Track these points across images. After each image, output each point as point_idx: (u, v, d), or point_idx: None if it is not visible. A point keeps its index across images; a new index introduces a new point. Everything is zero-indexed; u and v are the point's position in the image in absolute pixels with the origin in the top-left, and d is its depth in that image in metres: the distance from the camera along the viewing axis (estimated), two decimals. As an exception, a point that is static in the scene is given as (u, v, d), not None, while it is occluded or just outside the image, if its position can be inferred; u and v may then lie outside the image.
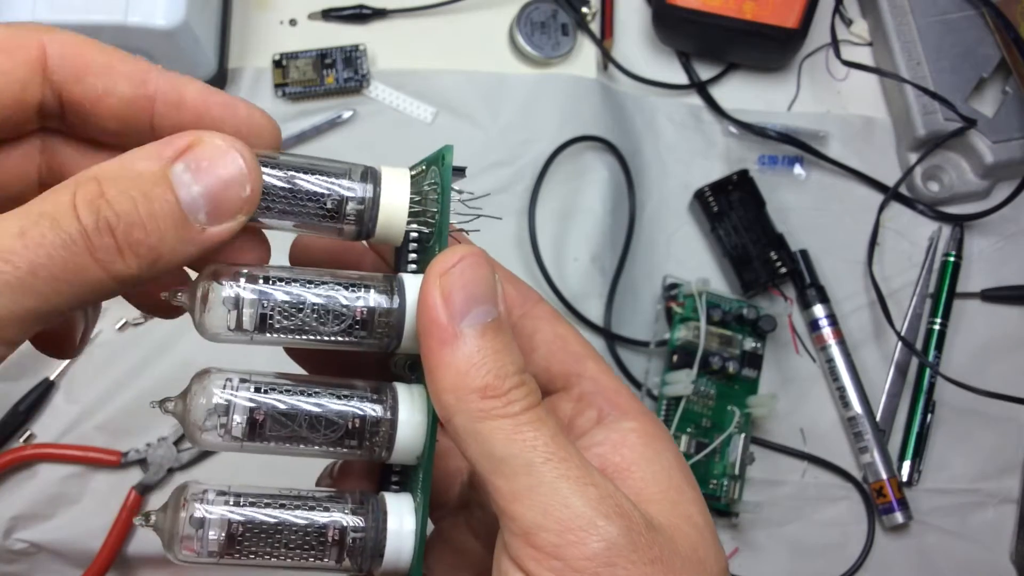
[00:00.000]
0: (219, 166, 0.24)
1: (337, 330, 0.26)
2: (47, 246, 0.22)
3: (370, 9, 0.67)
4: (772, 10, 0.66)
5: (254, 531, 0.26)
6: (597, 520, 0.24)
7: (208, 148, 0.24)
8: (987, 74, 0.69)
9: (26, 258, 0.22)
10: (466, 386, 0.24)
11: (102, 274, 0.23)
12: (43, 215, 0.22)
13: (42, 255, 0.22)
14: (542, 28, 0.67)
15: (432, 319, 0.25)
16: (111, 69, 0.26)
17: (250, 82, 0.66)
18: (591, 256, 0.65)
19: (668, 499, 0.27)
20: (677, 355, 0.62)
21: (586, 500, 0.24)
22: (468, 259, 0.25)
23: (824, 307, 0.66)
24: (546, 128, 0.66)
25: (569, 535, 0.24)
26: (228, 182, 0.24)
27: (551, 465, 0.24)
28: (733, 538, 0.63)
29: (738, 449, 0.61)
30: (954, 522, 0.65)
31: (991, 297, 0.68)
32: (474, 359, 0.25)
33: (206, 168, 0.24)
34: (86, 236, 0.22)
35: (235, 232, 0.25)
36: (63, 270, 0.22)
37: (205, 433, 0.26)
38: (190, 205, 0.24)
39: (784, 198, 0.68)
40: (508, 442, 0.24)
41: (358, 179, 0.27)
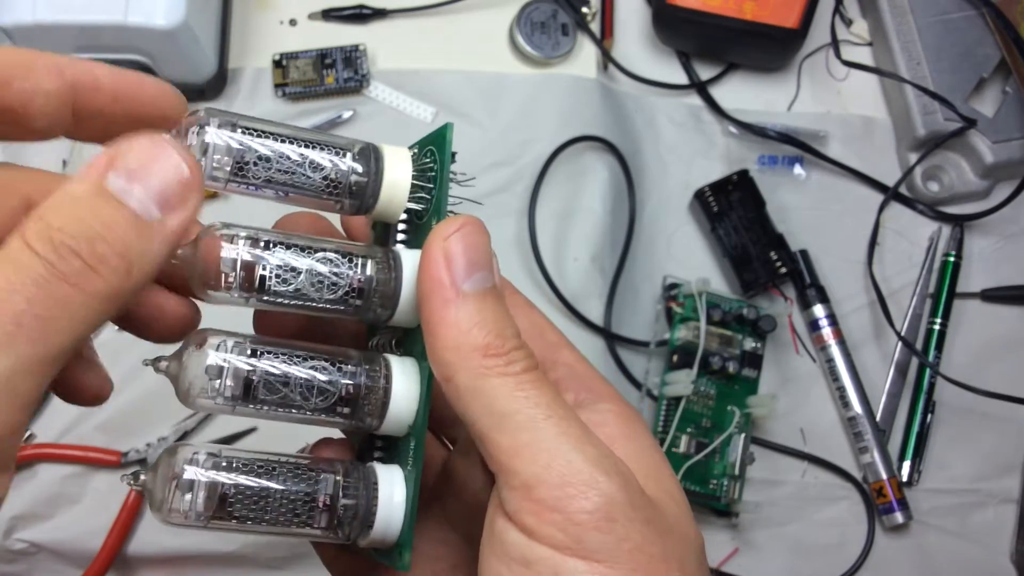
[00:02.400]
0: (147, 161, 0.24)
1: (333, 298, 0.27)
2: (20, 291, 0.22)
3: (370, 9, 0.67)
4: (772, 10, 0.66)
5: (243, 495, 0.26)
6: (597, 476, 0.24)
7: (129, 152, 0.24)
8: (987, 74, 0.69)
9: (5, 310, 0.22)
10: (468, 343, 0.25)
11: (85, 297, 0.23)
12: (1, 263, 0.22)
13: (18, 301, 0.22)
14: (542, 28, 0.67)
15: (436, 279, 0.26)
16: (31, 68, 0.26)
17: (250, 82, 0.66)
18: (591, 256, 0.65)
19: (651, 475, 0.27)
20: (677, 355, 0.62)
21: (586, 457, 0.25)
22: (469, 225, 0.26)
23: (824, 307, 0.66)
24: (546, 128, 0.66)
25: (570, 488, 0.24)
26: (164, 171, 0.24)
27: (552, 422, 0.25)
28: (733, 538, 0.63)
29: (738, 449, 0.61)
30: (954, 522, 0.65)
31: (991, 297, 0.68)
32: (475, 318, 0.25)
33: (136, 168, 0.24)
34: (52, 266, 0.22)
35: (196, 214, 0.25)
36: (45, 307, 0.22)
37: (198, 395, 0.26)
38: (140, 206, 0.24)
39: (784, 198, 0.68)
40: (511, 398, 0.25)
41: (359, 154, 0.28)
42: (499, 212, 0.65)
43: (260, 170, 0.27)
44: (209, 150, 0.26)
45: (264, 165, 0.27)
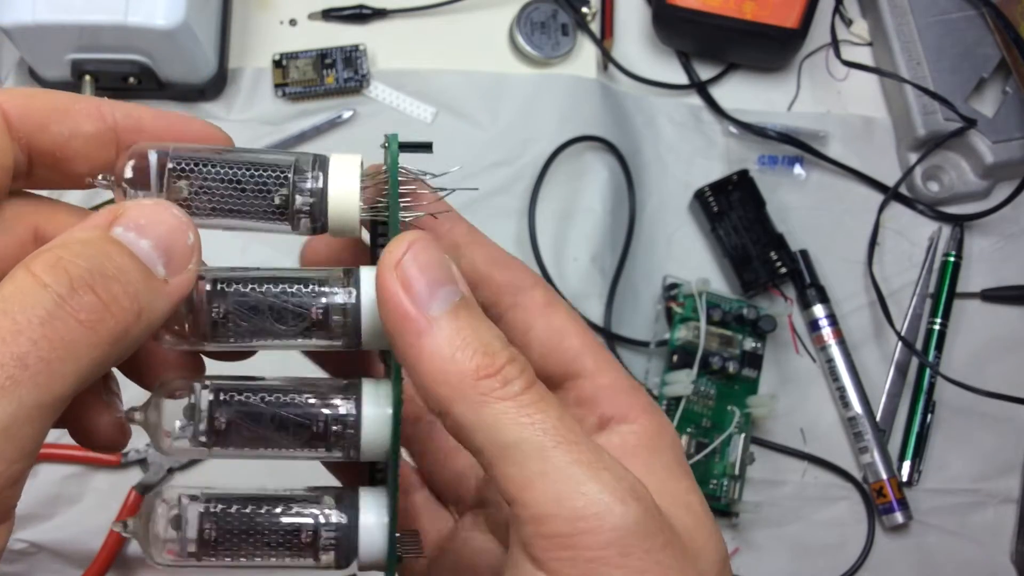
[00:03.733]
0: (156, 220, 0.24)
1: (296, 331, 0.26)
2: (25, 332, 0.20)
3: (370, 9, 0.67)
4: (772, 10, 0.66)
5: (229, 533, 0.26)
6: (613, 505, 0.23)
7: (137, 209, 0.24)
8: (987, 74, 0.69)
9: (8, 353, 0.20)
10: (456, 371, 0.23)
11: (94, 338, 0.21)
12: (5, 300, 0.21)
13: (23, 343, 0.20)
14: (542, 28, 0.67)
15: (400, 313, 0.24)
16: (68, 111, 0.26)
17: (250, 82, 0.66)
18: (591, 256, 0.65)
19: (666, 490, 0.26)
20: (677, 355, 0.62)
21: (602, 485, 0.23)
22: (417, 244, 0.24)
23: (824, 307, 0.66)
24: (546, 128, 0.66)
25: (581, 523, 0.22)
26: (171, 232, 0.24)
27: (563, 449, 0.23)
28: (733, 538, 0.63)
29: (738, 449, 0.61)
30: (954, 522, 0.65)
31: (991, 297, 0.68)
32: (455, 341, 0.23)
33: (146, 224, 0.24)
34: (64, 302, 0.21)
35: (193, 283, 0.25)
36: (51, 350, 0.21)
37: (172, 440, 0.26)
38: (147, 258, 0.23)
39: (784, 198, 0.68)
40: (516, 426, 0.23)
41: (309, 169, 0.26)
42: (499, 212, 0.65)
43: (204, 202, 0.26)
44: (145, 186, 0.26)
45: (207, 196, 0.26)
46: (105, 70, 0.60)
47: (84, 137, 0.26)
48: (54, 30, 0.57)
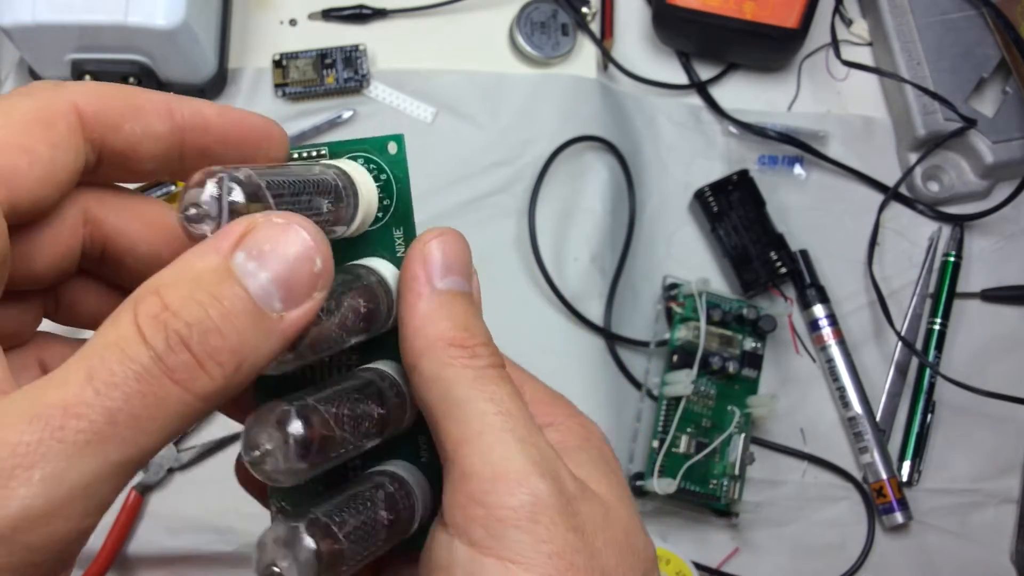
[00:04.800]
0: (282, 245, 0.22)
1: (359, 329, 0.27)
2: (120, 385, 0.19)
3: (370, 9, 0.67)
4: (772, 10, 0.66)
5: (350, 543, 0.25)
6: (532, 475, 0.24)
7: (266, 229, 0.22)
8: (987, 74, 0.69)
9: (100, 406, 0.19)
10: (435, 333, 0.26)
11: (187, 396, 0.20)
12: (108, 347, 0.20)
13: (117, 397, 0.19)
14: (542, 28, 0.67)
15: (412, 274, 0.26)
16: (141, 110, 0.25)
17: (250, 82, 0.66)
18: (591, 256, 0.65)
19: (602, 484, 0.27)
20: (677, 355, 0.62)
21: (527, 457, 0.24)
22: (450, 234, 0.27)
23: (824, 307, 0.66)
24: (546, 128, 0.66)
25: (500, 483, 0.24)
26: (296, 260, 0.22)
27: (502, 418, 0.25)
28: (733, 538, 0.63)
29: (738, 449, 0.61)
30: (954, 522, 0.65)
31: (991, 297, 0.68)
32: (444, 312, 0.26)
33: (269, 251, 0.22)
34: (159, 360, 0.20)
35: (317, 311, 0.23)
36: (143, 406, 0.20)
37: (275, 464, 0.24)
38: (262, 295, 0.21)
39: (784, 198, 0.68)
40: (468, 388, 0.25)
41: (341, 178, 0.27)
42: (499, 212, 0.65)
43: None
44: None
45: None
46: (105, 70, 0.60)
47: (155, 137, 0.25)
48: (54, 30, 0.57)
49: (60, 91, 0.24)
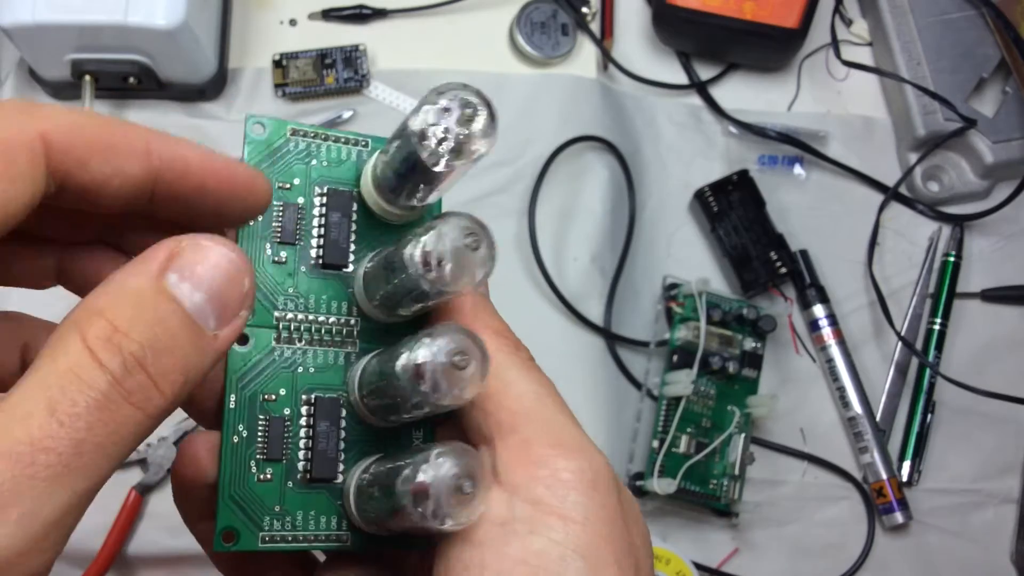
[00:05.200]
0: (213, 267, 0.22)
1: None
2: (83, 415, 0.19)
3: (370, 9, 0.67)
4: (772, 10, 0.66)
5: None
6: (590, 448, 0.27)
7: (194, 251, 0.22)
8: (987, 74, 0.69)
9: (67, 438, 0.19)
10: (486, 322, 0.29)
11: (142, 417, 0.20)
12: (64, 375, 0.19)
13: (81, 428, 0.19)
14: (542, 28, 0.67)
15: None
16: (115, 148, 0.23)
17: (250, 82, 0.66)
18: (591, 256, 0.65)
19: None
20: (677, 355, 0.62)
21: (581, 434, 0.27)
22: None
23: (824, 307, 0.66)
24: (546, 128, 0.66)
25: (562, 449, 0.26)
26: (227, 281, 0.22)
27: (551, 400, 0.27)
28: (733, 538, 0.63)
29: (738, 449, 0.61)
30: (954, 522, 0.65)
31: (991, 297, 0.68)
32: (488, 309, 0.29)
33: (201, 272, 0.22)
34: (117, 384, 0.20)
35: (240, 331, 0.23)
36: (106, 433, 0.20)
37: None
38: (199, 315, 0.22)
39: (784, 198, 0.68)
40: (519, 371, 0.28)
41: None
42: (499, 212, 0.65)
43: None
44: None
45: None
46: (105, 70, 0.60)
47: (125, 177, 0.23)
48: (54, 30, 0.57)
49: (30, 118, 0.22)
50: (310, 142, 0.30)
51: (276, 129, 0.29)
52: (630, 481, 0.61)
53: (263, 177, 0.26)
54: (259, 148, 0.29)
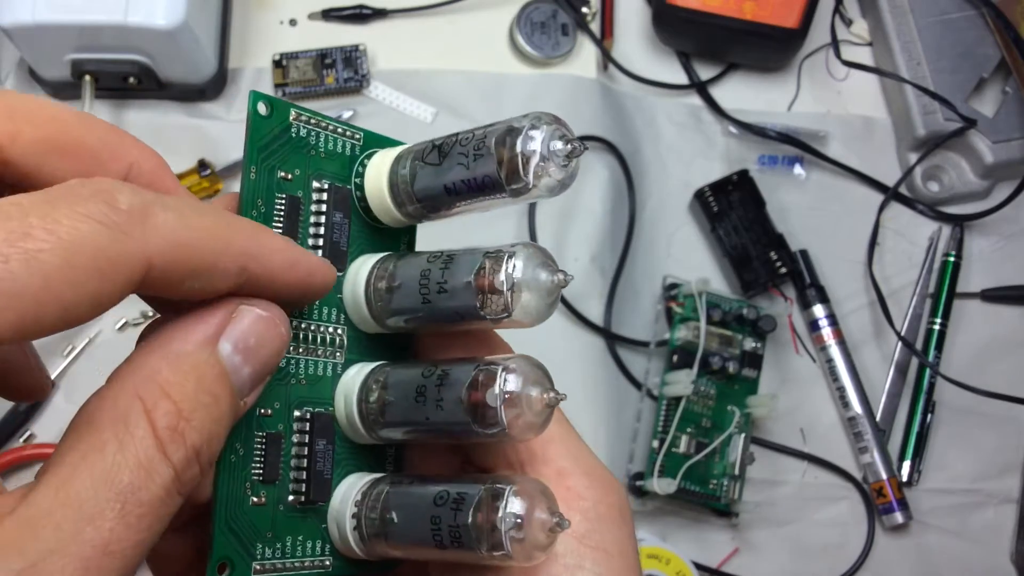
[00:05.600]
0: (267, 343, 0.22)
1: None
2: (147, 515, 0.19)
3: (370, 9, 0.67)
4: (772, 10, 0.66)
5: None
6: (615, 481, 0.27)
7: (253, 323, 0.21)
8: (987, 74, 0.69)
9: (132, 540, 0.18)
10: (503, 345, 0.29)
11: (180, 501, 0.20)
12: (135, 471, 0.19)
13: (144, 528, 0.19)
14: (542, 28, 0.67)
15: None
16: (214, 268, 0.21)
17: (250, 82, 0.66)
18: (591, 256, 0.65)
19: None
20: (677, 355, 0.62)
21: (601, 462, 0.28)
22: None
23: (824, 307, 0.66)
24: (546, 128, 0.66)
25: (595, 481, 0.26)
26: (273, 355, 0.22)
27: (571, 427, 0.28)
28: (733, 538, 0.63)
29: (738, 449, 0.61)
30: (954, 522, 0.65)
31: (991, 297, 0.68)
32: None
33: (255, 347, 0.21)
34: (177, 479, 0.19)
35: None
36: (159, 529, 0.19)
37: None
38: (240, 389, 0.21)
39: (784, 198, 0.68)
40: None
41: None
42: (499, 212, 0.65)
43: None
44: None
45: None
46: (105, 70, 0.60)
47: (210, 293, 0.22)
48: (54, 30, 0.57)
49: (142, 235, 0.19)
50: (311, 129, 0.28)
51: (280, 111, 0.27)
52: (630, 481, 0.61)
53: (332, 268, 0.25)
54: (263, 129, 0.26)
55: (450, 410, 0.25)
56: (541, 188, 0.24)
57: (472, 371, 0.24)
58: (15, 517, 0.18)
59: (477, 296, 0.24)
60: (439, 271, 0.25)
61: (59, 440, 0.20)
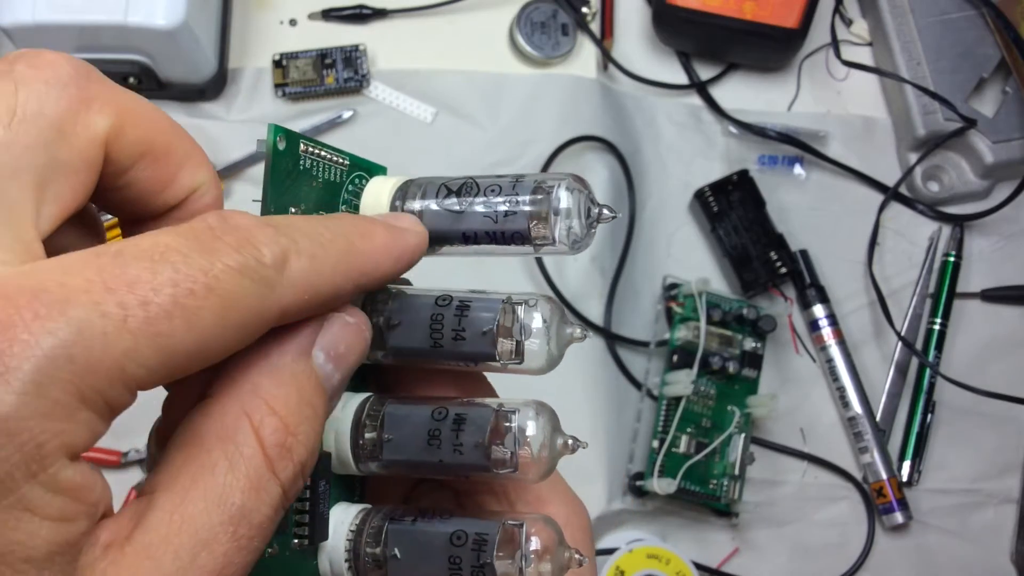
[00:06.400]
0: (356, 349, 0.22)
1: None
2: (256, 535, 0.19)
3: (370, 9, 0.67)
4: (772, 10, 0.66)
5: None
6: (581, 504, 0.29)
7: (343, 330, 0.22)
8: (987, 74, 0.69)
9: (240, 563, 0.19)
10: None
11: (282, 515, 0.20)
12: (248, 494, 0.19)
13: (253, 549, 0.19)
14: (542, 28, 0.67)
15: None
16: (336, 302, 0.22)
17: (250, 82, 0.66)
18: (591, 256, 0.65)
19: None
20: (677, 355, 0.62)
21: (570, 489, 0.29)
22: None
23: (824, 307, 0.66)
24: (546, 128, 0.66)
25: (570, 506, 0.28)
26: (358, 361, 0.22)
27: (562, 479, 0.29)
28: (733, 538, 0.63)
29: (738, 449, 0.61)
30: (954, 522, 0.65)
31: (991, 297, 0.68)
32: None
33: (344, 354, 0.22)
34: (284, 496, 0.19)
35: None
36: (264, 543, 0.19)
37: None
38: (332, 396, 0.22)
39: (784, 198, 0.68)
40: None
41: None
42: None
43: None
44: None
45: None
46: (105, 70, 0.58)
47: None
48: (54, 30, 0.57)
49: (282, 287, 0.20)
50: (313, 160, 0.27)
51: (293, 144, 0.26)
52: (630, 481, 0.61)
53: (425, 238, 0.25)
54: (281, 165, 0.26)
55: (468, 454, 0.25)
56: (564, 247, 0.25)
57: (491, 416, 0.25)
58: (134, 545, 0.18)
59: (493, 344, 0.25)
60: (454, 318, 0.25)
61: (162, 454, 0.20)
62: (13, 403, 0.16)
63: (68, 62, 0.20)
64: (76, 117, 0.20)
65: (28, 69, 0.19)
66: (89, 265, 0.17)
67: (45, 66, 0.19)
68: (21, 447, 0.16)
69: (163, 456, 0.20)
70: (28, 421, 0.16)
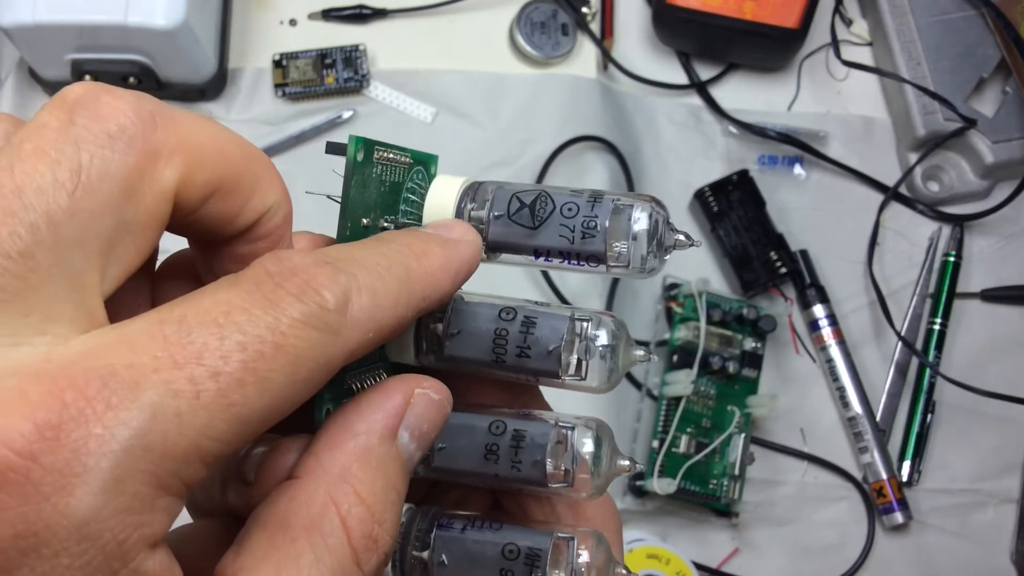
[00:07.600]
0: (436, 425, 0.22)
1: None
2: None
3: (370, 9, 0.67)
4: (772, 10, 0.66)
5: None
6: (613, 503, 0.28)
7: (426, 408, 0.21)
8: (987, 74, 0.69)
9: None
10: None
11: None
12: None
13: None
14: (542, 28, 0.67)
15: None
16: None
17: (250, 82, 0.66)
18: (591, 256, 0.65)
19: None
20: (677, 355, 0.62)
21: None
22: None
23: (824, 307, 0.66)
24: (546, 128, 0.66)
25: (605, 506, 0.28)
26: (434, 437, 0.22)
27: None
28: (733, 538, 0.63)
29: (738, 449, 0.61)
30: (954, 522, 0.65)
31: (991, 297, 0.68)
32: None
33: (427, 432, 0.21)
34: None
35: None
36: None
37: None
38: (411, 474, 0.22)
39: (784, 198, 0.68)
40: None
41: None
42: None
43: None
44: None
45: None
46: (105, 70, 0.60)
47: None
48: (54, 30, 0.57)
49: (346, 332, 0.19)
50: (384, 165, 0.26)
51: (369, 152, 0.25)
52: (630, 481, 0.61)
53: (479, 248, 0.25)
54: (360, 175, 0.25)
55: (526, 471, 0.25)
56: (636, 270, 0.25)
57: (551, 433, 0.25)
58: None
59: (558, 362, 0.24)
60: (519, 334, 0.25)
61: (244, 534, 0.20)
62: (93, 504, 0.15)
63: (131, 108, 0.18)
64: (143, 174, 0.18)
65: (90, 122, 0.18)
66: (155, 339, 0.17)
67: (108, 117, 0.18)
68: (103, 548, 0.15)
69: (246, 536, 0.19)
70: (109, 521, 0.15)
